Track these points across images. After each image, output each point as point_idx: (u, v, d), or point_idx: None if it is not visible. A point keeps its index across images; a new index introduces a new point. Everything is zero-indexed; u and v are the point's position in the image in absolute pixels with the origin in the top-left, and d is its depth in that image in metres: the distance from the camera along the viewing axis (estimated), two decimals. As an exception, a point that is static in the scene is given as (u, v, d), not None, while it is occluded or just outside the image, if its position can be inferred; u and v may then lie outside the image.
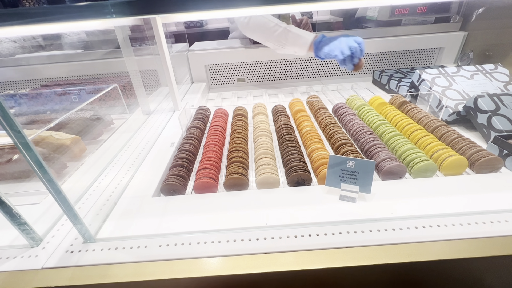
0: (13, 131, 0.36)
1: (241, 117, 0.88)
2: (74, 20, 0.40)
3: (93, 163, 0.75)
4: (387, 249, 0.44)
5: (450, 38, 1.32)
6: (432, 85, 0.91)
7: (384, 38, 1.34)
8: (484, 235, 0.45)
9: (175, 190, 0.60)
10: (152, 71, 1.39)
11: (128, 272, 0.43)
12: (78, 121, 0.91)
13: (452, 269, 0.44)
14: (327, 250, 0.45)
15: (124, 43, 0.93)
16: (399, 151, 0.65)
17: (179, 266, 0.44)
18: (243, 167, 0.63)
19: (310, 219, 0.50)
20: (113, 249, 0.47)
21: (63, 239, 0.50)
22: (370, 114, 0.83)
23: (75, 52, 1.44)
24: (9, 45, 1.38)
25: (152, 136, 0.86)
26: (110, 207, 0.56)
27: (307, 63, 1.40)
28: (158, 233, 0.49)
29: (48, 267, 0.44)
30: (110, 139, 0.89)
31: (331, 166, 0.55)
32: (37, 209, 0.58)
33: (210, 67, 1.41)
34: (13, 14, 0.37)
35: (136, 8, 0.40)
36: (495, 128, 0.72)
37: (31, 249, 0.48)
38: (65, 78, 1.42)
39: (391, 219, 0.49)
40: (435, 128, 0.73)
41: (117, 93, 1.07)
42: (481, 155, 0.60)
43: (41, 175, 0.40)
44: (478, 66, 0.96)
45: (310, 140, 0.72)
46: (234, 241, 0.47)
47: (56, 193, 0.42)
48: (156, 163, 0.72)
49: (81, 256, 0.46)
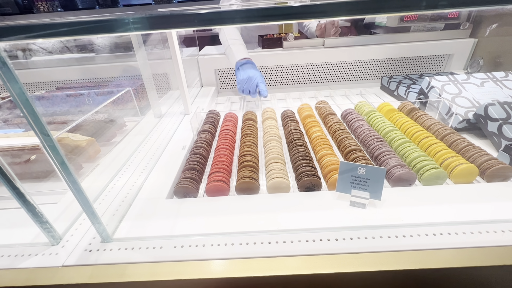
0: (43, 135, 0.38)
1: (251, 121, 0.90)
2: (97, 33, 0.42)
3: (108, 164, 0.77)
4: (397, 256, 0.45)
5: (459, 45, 1.32)
6: (442, 92, 0.91)
7: (393, 44, 1.34)
8: (494, 244, 0.46)
9: (188, 193, 0.62)
10: (163, 74, 1.42)
11: (144, 272, 0.45)
12: (93, 123, 0.94)
13: (461, 277, 0.44)
14: (337, 255, 0.46)
15: (138, 47, 0.96)
16: (408, 158, 0.66)
17: (193, 268, 0.45)
18: (254, 171, 0.65)
19: (321, 224, 0.51)
20: (129, 249, 0.49)
21: (82, 238, 0.52)
22: (379, 121, 0.84)
23: (88, 56, 1.48)
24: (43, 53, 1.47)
25: (164, 139, 0.89)
26: (126, 208, 0.58)
27: (314, 69, 1.41)
28: (172, 234, 0.51)
29: (68, 264, 0.46)
30: (123, 141, 0.91)
31: (342, 172, 0.55)
32: (55, 208, 0.60)
33: (219, 72, 1.44)
34: (36, 26, 0.40)
35: (155, 23, 0.42)
36: (506, 136, 0.72)
37: (52, 247, 0.50)
38: (79, 81, 1.46)
39: (401, 226, 0.50)
40: (444, 136, 0.74)
41: (129, 96, 1.10)
42: (492, 163, 0.60)
43: (65, 175, 0.42)
44: (488, 73, 0.96)
45: (320, 145, 0.73)
46: (247, 244, 0.48)
47: (77, 193, 0.44)
48: (169, 166, 0.73)
49: (99, 255, 0.48)
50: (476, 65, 1.28)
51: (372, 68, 1.40)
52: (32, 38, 0.38)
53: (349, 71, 1.42)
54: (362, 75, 1.42)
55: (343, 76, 1.43)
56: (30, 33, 0.37)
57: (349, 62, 1.39)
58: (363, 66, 1.40)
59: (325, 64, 1.40)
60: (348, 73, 1.42)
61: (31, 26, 0.34)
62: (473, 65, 1.30)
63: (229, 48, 1.20)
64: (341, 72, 1.42)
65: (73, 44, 1.53)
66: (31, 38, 0.38)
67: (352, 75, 1.43)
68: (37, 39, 0.42)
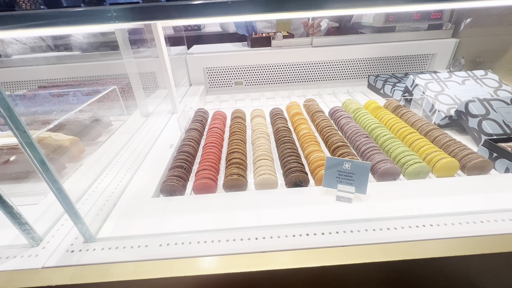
0: (19, 131, 0.36)
1: (239, 119, 0.90)
2: (77, 25, 0.41)
3: (92, 164, 0.75)
4: (382, 248, 0.45)
5: (442, 44, 1.36)
6: (425, 90, 0.93)
7: (379, 44, 1.37)
8: (475, 234, 0.47)
9: (174, 191, 0.61)
10: (151, 73, 1.40)
11: (129, 271, 0.44)
12: (77, 122, 0.92)
13: (444, 267, 0.46)
14: (323, 249, 0.46)
15: (124, 45, 0.94)
16: (393, 153, 0.67)
17: (179, 265, 0.44)
18: (242, 168, 0.64)
19: (308, 219, 0.51)
20: (113, 249, 0.47)
21: (63, 239, 0.50)
22: (365, 118, 0.85)
23: (73, 54, 1.44)
24: (18, 46, 1.39)
25: (151, 138, 0.87)
26: (110, 207, 0.57)
27: (303, 67, 1.42)
28: (158, 232, 0.50)
29: (49, 266, 0.45)
30: (108, 141, 0.89)
31: (328, 168, 0.56)
32: (36, 209, 0.58)
33: (208, 70, 1.43)
34: (17, 16, 0.38)
35: (138, 14, 0.42)
36: (485, 132, 0.74)
37: (31, 249, 0.48)
38: (63, 80, 1.41)
39: (386, 219, 0.51)
40: (428, 132, 0.76)
41: (115, 95, 1.07)
42: (472, 157, 0.62)
43: (44, 175, 0.41)
44: (469, 72, 0.99)
45: (307, 142, 0.73)
46: (234, 241, 0.48)
47: (58, 193, 0.43)
48: (155, 164, 0.72)
49: (81, 256, 0.46)
50: (458, 64, 1.32)
51: (359, 67, 1.43)
52: (7, 30, 0.37)
53: (337, 70, 1.44)
54: (349, 74, 1.45)
55: (331, 75, 1.45)
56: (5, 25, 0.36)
57: (337, 61, 1.41)
58: (351, 65, 1.42)
59: (314, 63, 1.41)
60: (336, 72, 1.44)
61: (4, 16, 0.33)
62: (455, 64, 1.34)
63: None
64: (329, 71, 1.44)
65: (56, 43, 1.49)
66: (6, 30, 0.37)
67: (340, 74, 1.45)
68: (15, 31, 0.40)
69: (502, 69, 1.12)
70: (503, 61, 1.13)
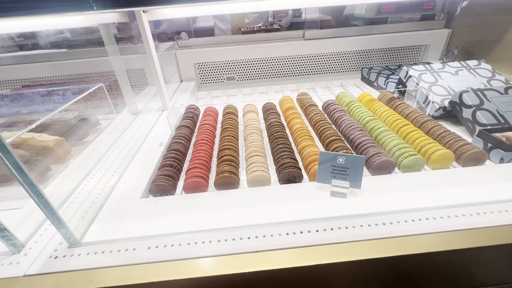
0: (-12, 132, 0.34)
1: (231, 115, 0.87)
2: (52, 13, 0.38)
3: (79, 165, 0.72)
4: (378, 244, 0.44)
5: (435, 35, 1.35)
6: (419, 81, 0.92)
7: (372, 35, 1.35)
8: (471, 227, 0.46)
9: (164, 191, 0.59)
10: (140, 70, 1.36)
11: (116, 276, 0.42)
12: (62, 122, 0.88)
13: (441, 261, 0.45)
14: (319, 247, 0.45)
15: (109, 41, 0.90)
16: (388, 146, 0.66)
17: (169, 268, 0.43)
18: (234, 165, 0.62)
19: (302, 216, 0.50)
20: (99, 253, 0.45)
21: (47, 245, 0.48)
22: (359, 111, 0.84)
23: (58, 51, 1.39)
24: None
25: (140, 136, 0.84)
26: (97, 210, 0.55)
27: (296, 61, 1.40)
28: (147, 235, 0.48)
29: (31, 274, 0.42)
30: (96, 140, 0.86)
31: (321, 163, 0.54)
32: (18, 214, 0.56)
33: (199, 66, 1.39)
34: None
35: (118, 1, 0.39)
36: (479, 122, 0.74)
37: (12, 256, 0.46)
38: (47, 78, 1.37)
39: (381, 214, 0.49)
40: (422, 123, 0.75)
41: (103, 92, 1.04)
42: (466, 148, 0.61)
43: (20, 179, 0.38)
44: (462, 62, 0.98)
45: (301, 137, 0.72)
46: (226, 241, 0.46)
47: (37, 197, 0.40)
48: (144, 164, 0.70)
49: (66, 262, 0.44)
50: (451, 55, 1.32)
51: (352, 59, 1.41)
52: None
53: (330, 63, 1.42)
54: (343, 67, 1.43)
55: (324, 69, 1.43)
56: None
57: (330, 54, 1.39)
58: (344, 58, 1.41)
59: (306, 56, 1.39)
60: (329, 65, 1.42)
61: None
62: (448, 55, 1.34)
63: None
64: (322, 64, 1.42)
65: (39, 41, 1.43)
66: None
67: (333, 67, 1.43)
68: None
69: (494, 59, 1.11)
70: (495, 51, 1.12)
